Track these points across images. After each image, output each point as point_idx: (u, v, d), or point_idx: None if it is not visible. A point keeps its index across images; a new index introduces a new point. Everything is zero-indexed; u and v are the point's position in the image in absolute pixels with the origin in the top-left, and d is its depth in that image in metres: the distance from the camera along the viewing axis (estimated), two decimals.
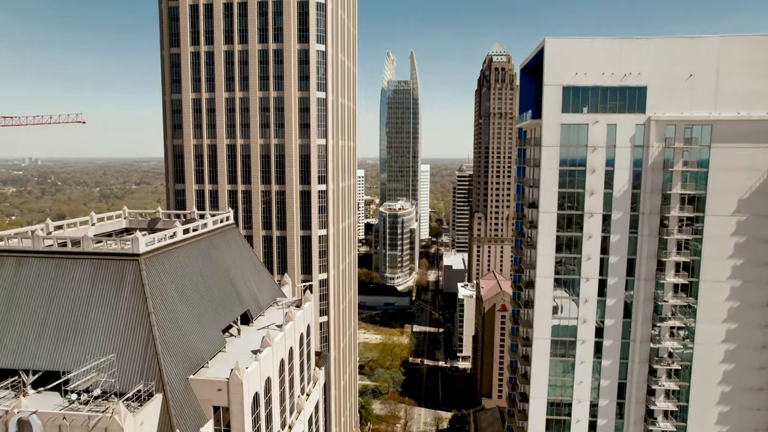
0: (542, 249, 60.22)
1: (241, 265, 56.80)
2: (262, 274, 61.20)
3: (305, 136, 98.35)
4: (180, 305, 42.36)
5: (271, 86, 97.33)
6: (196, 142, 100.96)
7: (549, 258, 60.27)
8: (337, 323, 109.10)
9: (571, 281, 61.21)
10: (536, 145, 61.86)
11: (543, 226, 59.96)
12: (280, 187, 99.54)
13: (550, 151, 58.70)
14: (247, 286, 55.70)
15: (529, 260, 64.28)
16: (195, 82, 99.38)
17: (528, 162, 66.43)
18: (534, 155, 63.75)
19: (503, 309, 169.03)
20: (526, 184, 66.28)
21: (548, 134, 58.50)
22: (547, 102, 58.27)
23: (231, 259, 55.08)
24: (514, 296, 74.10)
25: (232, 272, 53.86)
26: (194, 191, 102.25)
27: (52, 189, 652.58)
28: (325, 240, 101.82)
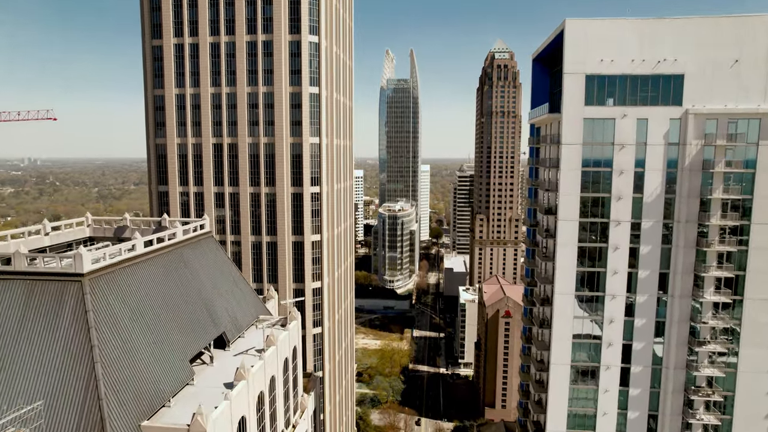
0: (561, 262, 53.28)
1: (217, 280, 49.86)
2: (242, 289, 54.23)
3: (297, 134, 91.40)
4: (136, 334, 35.42)
5: (260, 81, 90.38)
6: (180, 141, 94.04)
7: (569, 272, 53.33)
8: (332, 334, 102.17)
9: (594, 298, 54.29)
10: (553, 143, 54.96)
11: (562, 235, 53.03)
12: (270, 190, 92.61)
13: (571, 150, 51.70)
14: (223, 305, 48.76)
15: (545, 273, 57.33)
16: (179, 76, 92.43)
17: (543, 162, 59.44)
18: (550, 154, 56.88)
19: (507, 315, 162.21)
20: (541, 187, 59.29)
21: (569, 130, 51.55)
22: (568, 93, 51.29)
23: (205, 274, 48.14)
24: (526, 312, 67.19)
25: (205, 289, 46.92)
26: (178, 194, 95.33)
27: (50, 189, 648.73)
28: (318, 246, 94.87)
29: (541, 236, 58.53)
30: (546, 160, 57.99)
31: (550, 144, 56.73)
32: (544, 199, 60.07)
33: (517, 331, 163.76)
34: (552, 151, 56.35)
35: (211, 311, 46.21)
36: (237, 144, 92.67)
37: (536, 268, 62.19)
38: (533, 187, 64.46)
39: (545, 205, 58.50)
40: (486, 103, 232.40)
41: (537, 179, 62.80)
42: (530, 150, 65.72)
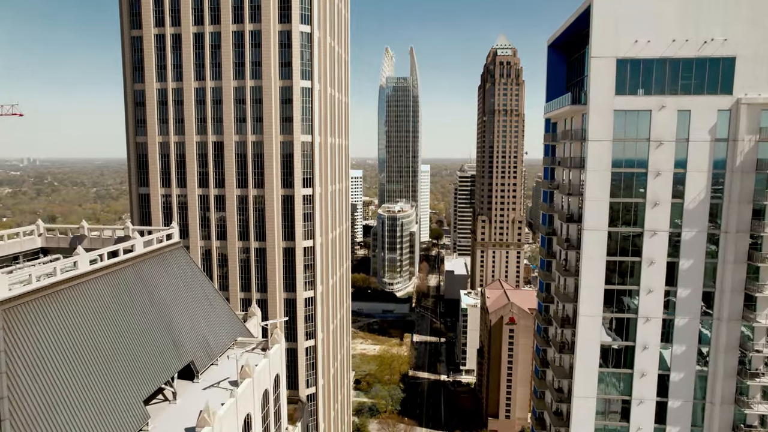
0: (587, 278, 46.25)
1: (186, 300, 42.93)
2: (217, 308, 47.29)
3: (287, 131, 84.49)
4: (67, 375, 28.52)
5: (247, 74, 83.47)
6: (161, 139, 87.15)
7: (596, 290, 46.32)
8: (327, 347, 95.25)
9: (625, 321, 47.27)
10: (576, 139, 47.97)
11: (588, 247, 45.96)
12: (259, 192, 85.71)
13: (599, 148, 44.64)
14: (192, 329, 41.82)
15: (564, 289, 50.35)
16: (160, 69, 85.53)
17: (564, 162, 52.32)
18: (571, 153, 49.93)
19: (512, 322, 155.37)
20: (562, 191, 52.08)
21: (597, 124, 44.50)
22: (596, 81, 44.26)
23: (169, 293, 41.20)
24: (539, 330, 60.15)
25: (169, 311, 39.99)
26: (160, 196, 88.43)
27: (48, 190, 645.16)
28: (311, 252, 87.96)
29: (561, 247, 51.36)
30: (567, 159, 50.86)
31: (571, 141, 49.60)
32: (562, 204, 53.00)
33: (521, 338, 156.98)
34: (574, 149, 49.37)
35: (176, 337, 39.26)
36: (223, 143, 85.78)
37: (553, 282, 55.17)
38: (549, 190, 57.31)
39: (566, 211, 51.34)
40: (488, 101, 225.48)
41: (553, 181, 55.80)
42: (545, 148, 58.74)
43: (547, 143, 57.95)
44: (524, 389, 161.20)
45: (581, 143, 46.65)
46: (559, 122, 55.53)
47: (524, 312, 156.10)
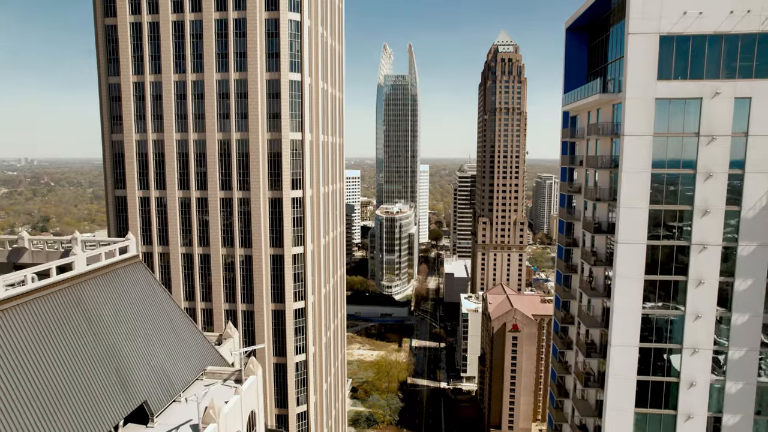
0: (621, 301, 39.30)
1: (141, 326, 36.00)
2: (182, 333, 40.31)
3: (275, 129, 77.69)
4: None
5: (231, 66, 76.65)
6: (139, 137, 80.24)
7: (632, 317, 39.34)
8: (319, 360, 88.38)
9: (666, 352, 40.38)
10: (605, 134, 41.05)
11: (624, 264, 38.95)
12: (244, 194, 78.85)
13: (636, 145, 37.68)
14: (147, 361, 34.90)
15: (591, 311, 43.46)
16: (137, 61, 78.64)
17: (590, 161, 45.25)
18: (597, 150, 43.03)
19: (515, 329, 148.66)
20: (589, 197, 44.75)
21: (634, 116, 37.52)
22: (634, 63, 37.24)
23: (119, 320, 34.27)
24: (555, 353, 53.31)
25: (117, 342, 33.08)
26: (138, 199, 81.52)
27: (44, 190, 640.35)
28: (301, 260, 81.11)
29: (586, 262, 44.22)
30: (593, 159, 43.73)
31: (599, 136, 42.47)
32: (587, 211, 46.03)
33: (525, 346, 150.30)
34: (602, 146, 42.46)
35: (124, 374, 32.35)
36: (205, 141, 78.90)
37: (574, 300, 48.31)
38: (569, 194, 50.31)
39: (591, 219, 44.23)
40: (489, 99, 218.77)
41: (573, 184, 48.91)
42: (562, 145, 51.93)
43: (565, 140, 50.98)
44: (528, 398, 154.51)
45: (612, 139, 39.85)
46: (581, 115, 48.62)
47: (528, 319, 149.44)
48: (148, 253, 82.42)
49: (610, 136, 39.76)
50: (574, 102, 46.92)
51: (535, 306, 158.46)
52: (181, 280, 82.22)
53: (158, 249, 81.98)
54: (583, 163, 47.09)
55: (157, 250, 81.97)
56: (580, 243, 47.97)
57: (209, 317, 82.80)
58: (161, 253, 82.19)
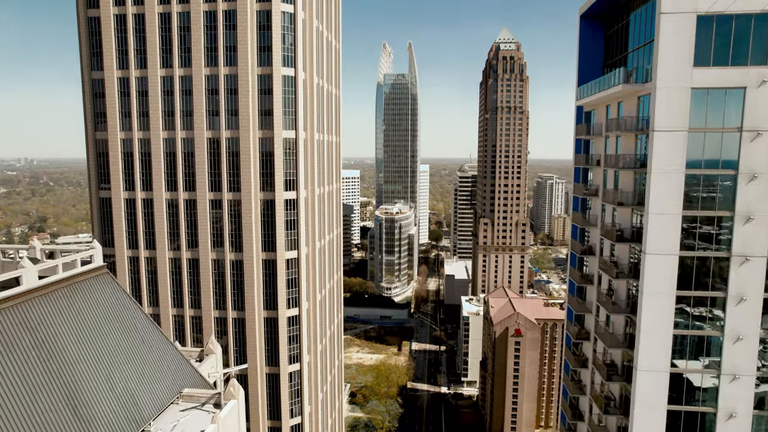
0: (649, 320, 34.84)
1: (105, 347, 31.95)
2: (156, 351, 36.23)
3: (267, 126, 73.62)
4: None
5: (220, 60, 72.61)
6: (124, 135, 76.20)
7: (662, 336, 34.88)
8: (314, 370, 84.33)
9: (702, 378, 36.07)
10: (629, 130, 36.80)
11: (653, 278, 34.38)
12: (235, 196, 74.79)
13: (669, 141, 33.29)
14: (111, 387, 30.86)
15: (611, 329, 39.07)
16: (121, 55, 74.60)
17: (609, 161, 40.87)
18: (619, 149, 38.88)
19: (517, 334, 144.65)
20: (610, 200, 40.07)
21: (666, 108, 33.14)
22: (666, 47, 32.83)
23: (77, 342, 30.24)
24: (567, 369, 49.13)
25: (74, 368, 29.02)
26: (123, 201, 77.48)
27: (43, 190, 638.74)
28: (295, 265, 77.05)
29: (606, 273, 39.75)
30: (613, 158, 39.40)
31: (622, 132, 37.91)
32: (604, 215, 41.80)
33: (528, 351, 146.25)
34: (624, 143, 38.21)
35: (81, 405, 28.27)
36: (193, 139, 74.85)
37: (589, 313, 44.11)
38: (584, 197, 46.02)
39: (612, 225, 39.88)
40: (490, 98, 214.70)
41: (588, 185, 44.67)
42: (575, 143, 47.84)
43: (579, 137, 46.77)
44: (531, 405, 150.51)
45: (636, 136, 35.69)
46: (598, 110, 44.45)
47: (531, 323, 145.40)
48: (134, 257, 78.39)
49: (634, 132, 35.59)
50: (591, 95, 42.53)
51: (538, 309, 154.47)
52: (168, 286, 78.18)
53: (144, 253, 77.94)
54: (600, 163, 42.95)
55: (144, 254, 77.93)
56: (596, 251, 43.69)
57: (198, 325, 78.76)
58: (148, 258, 78.16)
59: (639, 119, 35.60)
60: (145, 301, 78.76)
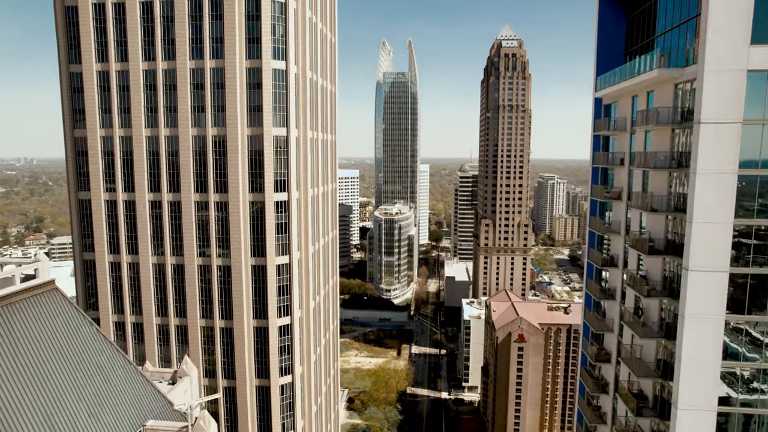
0: (693, 348, 29.16)
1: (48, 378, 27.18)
2: (114, 378, 31.48)
3: (256, 123, 68.96)
4: None
5: (206, 52, 67.95)
6: (104, 133, 71.55)
7: (708, 369, 29.35)
8: (307, 381, 79.67)
9: (756, 420, 30.86)
10: (663, 123, 31.63)
11: (697, 299, 28.62)
12: (222, 197, 70.13)
13: (718, 136, 27.83)
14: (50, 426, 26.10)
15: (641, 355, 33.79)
16: (100, 47, 69.90)
17: (638, 159, 35.42)
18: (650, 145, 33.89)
19: (521, 340, 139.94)
20: (638, 205, 34.19)
21: (716, 96, 27.77)
22: (716, 21, 27.66)
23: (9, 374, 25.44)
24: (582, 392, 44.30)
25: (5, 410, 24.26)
26: (103, 203, 72.81)
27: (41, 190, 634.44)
28: (286, 271, 72.38)
29: (635, 290, 34.09)
30: (641, 155, 34.00)
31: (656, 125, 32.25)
32: (629, 221, 36.78)
33: (532, 357, 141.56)
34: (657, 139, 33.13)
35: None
36: (178, 137, 70.22)
37: (610, 333, 39.13)
38: (606, 200, 40.80)
39: (641, 235, 34.53)
40: (492, 96, 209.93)
41: (610, 187, 39.64)
42: (593, 140, 42.98)
43: (597, 133, 41.76)
44: (534, 413, 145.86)
45: (673, 130, 30.77)
46: (621, 102, 39.39)
47: (534, 328, 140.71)
48: (116, 263, 73.71)
49: (670, 125, 30.66)
50: (613, 85, 37.25)
51: (542, 314, 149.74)
52: (152, 293, 73.53)
53: (127, 258, 73.28)
54: (624, 162, 38.04)
55: (126, 259, 73.27)
56: (619, 262, 38.70)
57: (184, 335, 74.07)
58: (130, 263, 73.49)
59: (675, 110, 30.57)
60: (127, 310, 74.12)
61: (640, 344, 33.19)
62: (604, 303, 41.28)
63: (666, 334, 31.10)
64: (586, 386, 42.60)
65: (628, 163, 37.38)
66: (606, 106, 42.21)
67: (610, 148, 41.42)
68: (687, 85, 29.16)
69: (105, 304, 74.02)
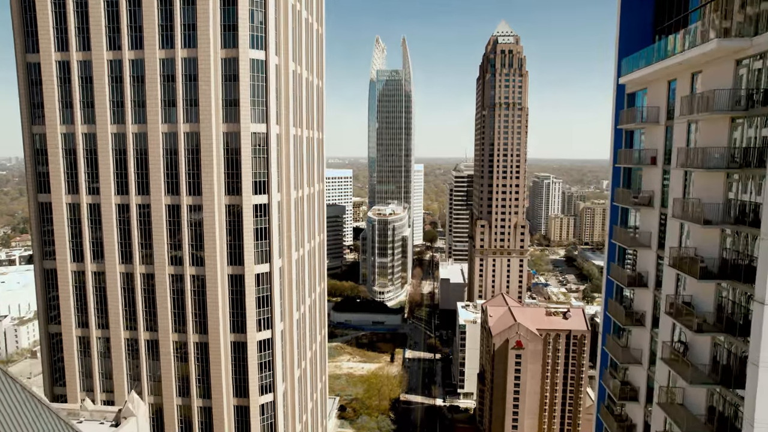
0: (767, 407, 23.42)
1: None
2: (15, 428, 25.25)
3: (232, 119, 62.82)
4: None
5: (177, 41, 61.71)
6: (66, 129, 65.17)
7: None
8: (291, 400, 73.60)
9: None
10: (719, 109, 24.90)
11: None
12: (195, 200, 63.92)
13: None
14: None
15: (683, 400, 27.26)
16: (60, 34, 63.49)
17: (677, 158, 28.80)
18: (698, 139, 27.56)
19: (518, 347, 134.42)
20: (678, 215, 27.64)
21: None
22: None
23: None
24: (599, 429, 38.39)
25: None
26: (65, 206, 66.39)
27: None
28: (267, 280, 66.26)
29: (681, 323, 26.41)
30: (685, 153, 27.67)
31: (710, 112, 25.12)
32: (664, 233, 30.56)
33: (530, 364, 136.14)
34: (707, 132, 26.69)
35: None
36: (146, 134, 63.95)
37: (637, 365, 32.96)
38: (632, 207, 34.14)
39: (685, 251, 28.19)
40: (488, 93, 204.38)
41: (639, 192, 33.26)
42: (614, 135, 36.64)
43: (622, 126, 35.50)
44: (532, 422, 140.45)
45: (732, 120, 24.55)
46: (653, 88, 32.97)
47: (533, 334, 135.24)
48: (80, 271, 67.32)
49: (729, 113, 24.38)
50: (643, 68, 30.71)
51: (540, 319, 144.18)
52: (120, 305, 67.21)
53: (92, 267, 66.94)
54: (656, 160, 32.10)
55: (91, 268, 66.92)
56: (649, 281, 32.45)
57: (155, 350, 67.80)
58: (96, 272, 67.15)
59: (738, 93, 24.34)
60: (92, 323, 67.74)
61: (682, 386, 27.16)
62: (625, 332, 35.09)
63: (724, 381, 24.97)
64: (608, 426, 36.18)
65: (662, 162, 31.35)
66: (630, 95, 36.10)
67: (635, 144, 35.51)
68: (757, 61, 23.14)
69: (68, 317, 67.60)
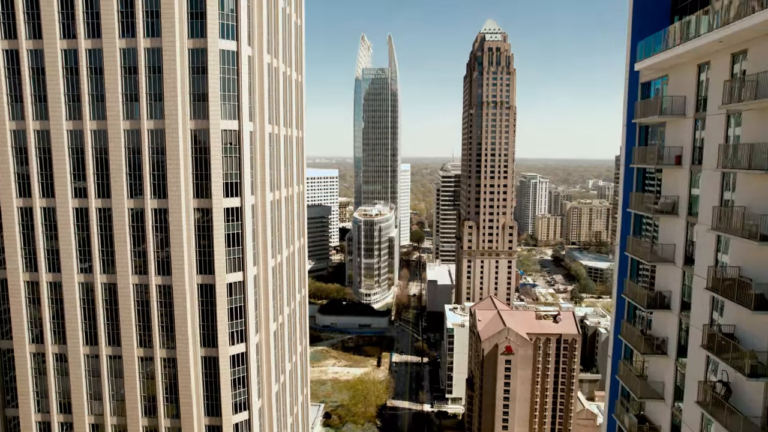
0: None
1: None
2: None
3: (201, 115, 57.53)
4: None
5: (140, 29, 56.24)
6: (15, 126, 59.29)
7: None
8: (268, 417, 68.44)
9: None
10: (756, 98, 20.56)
11: None
12: (160, 203, 58.49)
13: None
14: None
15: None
16: (7, 20, 57.63)
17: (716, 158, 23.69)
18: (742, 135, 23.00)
19: (508, 352, 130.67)
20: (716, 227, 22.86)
21: None
22: None
23: None
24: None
25: None
26: (16, 210, 60.40)
27: None
28: (240, 289, 61.09)
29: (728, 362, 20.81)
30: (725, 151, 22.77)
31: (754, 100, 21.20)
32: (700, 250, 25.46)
33: (520, 370, 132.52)
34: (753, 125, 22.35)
35: None
36: (106, 131, 58.35)
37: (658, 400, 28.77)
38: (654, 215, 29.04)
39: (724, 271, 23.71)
40: (475, 92, 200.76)
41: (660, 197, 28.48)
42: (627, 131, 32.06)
43: (637, 120, 30.89)
44: (522, 429, 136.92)
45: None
46: (676, 75, 28.27)
47: (523, 339, 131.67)
48: (33, 282, 61.42)
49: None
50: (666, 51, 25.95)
51: (529, 323, 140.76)
52: (79, 318, 61.49)
53: (47, 277, 61.09)
54: (682, 160, 27.70)
55: (45, 278, 61.07)
56: (673, 303, 27.74)
57: (118, 367, 62.22)
58: (51, 283, 61.31)
59: None
60: (48, 338, 61.91)
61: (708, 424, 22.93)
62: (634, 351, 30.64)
63: None
64: None
65: (690, 162, 26.88)
66: (644, 84, 31.65)
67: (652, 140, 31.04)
68: None
69: (20, 332, 61.64)
